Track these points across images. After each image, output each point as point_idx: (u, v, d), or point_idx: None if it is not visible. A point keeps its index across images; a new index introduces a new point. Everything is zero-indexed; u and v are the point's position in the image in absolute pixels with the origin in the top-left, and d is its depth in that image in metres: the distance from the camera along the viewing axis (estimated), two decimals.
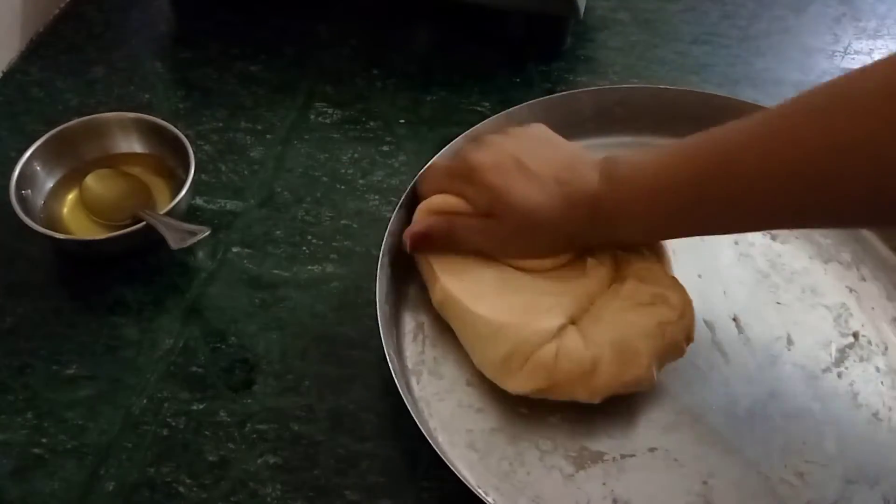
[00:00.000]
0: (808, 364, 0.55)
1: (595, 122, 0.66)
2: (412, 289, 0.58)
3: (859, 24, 0.79)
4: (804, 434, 0.52)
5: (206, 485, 0.51)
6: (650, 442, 0.51)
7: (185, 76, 0.74)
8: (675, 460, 0.51)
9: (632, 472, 0.50)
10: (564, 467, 0.50)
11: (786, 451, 0.51)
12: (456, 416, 0.53)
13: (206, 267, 0.61)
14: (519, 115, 0.64)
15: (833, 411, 0.53)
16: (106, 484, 0.51)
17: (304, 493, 0.50)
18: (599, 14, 0.79)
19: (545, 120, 0.64)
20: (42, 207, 0.62)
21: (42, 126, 0.65)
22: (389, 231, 0.56)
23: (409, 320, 0.57)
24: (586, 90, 0.67)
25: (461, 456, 0.51)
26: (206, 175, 0.66)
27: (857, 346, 0.56)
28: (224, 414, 0.53)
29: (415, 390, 0.53)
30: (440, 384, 0.54)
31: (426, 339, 0.56)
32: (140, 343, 0.57)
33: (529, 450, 0.51)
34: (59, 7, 0.80)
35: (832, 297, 0.59)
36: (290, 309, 0.58)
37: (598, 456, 0.51)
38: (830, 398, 0.53)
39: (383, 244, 0.55)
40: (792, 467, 0.50)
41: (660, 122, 0.66)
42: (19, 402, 0.54)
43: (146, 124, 0.65)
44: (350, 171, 0.67)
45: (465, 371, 0.54)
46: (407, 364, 0.55)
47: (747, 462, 0.51)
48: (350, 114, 0.71)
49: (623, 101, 0.66)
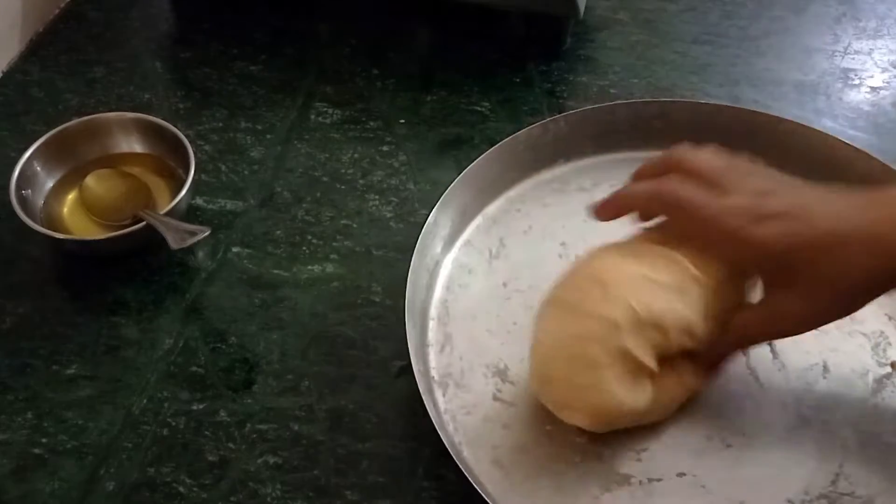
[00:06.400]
0: (844, 392, 0.53)
1: (632, 134, 0.65)
2: (437, 296, 0.58)
3: (859, 24, 0.79)
4: (837, 462, 0.50)
5: (206, 485, 0.50)
6: (679, 467, 0.50)
7: (185, 76, 0.74)
8: (703, 486, 0.49)
9: (659, 496, 0.49)
10: (590, 489, 0.49)
11: (818, 480, 0.50)
12: (482, 431, 0.52)
13: (206, 267, 0.61)
14: (556, 126, 0.64)
15: (868, 441, 0.51)
16: (106, 484, 0.51)
17: (304, 493, 0.50)
18: (599, 14, 0.79)
19: (580, 131, 0.64)
20: (42, 207, 0.62)
21: (42, 126, 0.65)
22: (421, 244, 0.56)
23: (437, 330, 0.57)
24: (624, 102, 0.66)
25: (485, 472, 0.50)
26: (206, 175, 0.66)
27: (895, 376, 0.54)
28: (224, 414, 0.53)
29: (440, 404, 0.53)
30: (467, 398, 0.53)
31: (454, 351, 0.55)
32: (140, 343, 0.57)
33: (555, 470, 0.50)
34: (59, 7, 0.80)
35: (871, 325, 0.56)
36: (290, 309, 0.58)
37: (624, 479, 0.50)
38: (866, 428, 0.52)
39: (414, 255, 0.55)
40: (825, 498, 0.49)
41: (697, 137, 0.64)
42: (19, 402, 0.54)
43: (146, 124, 0.65)
44: (350, 171, 0.67)
45: (492, 385, 0.54)
46: (433, 376, 0.54)
47: (778, 490, 0.49)
48: (350, 114, 0.71)
49: (661, 114, 0.65)
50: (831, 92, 0.73)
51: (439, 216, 0.59)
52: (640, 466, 0.50)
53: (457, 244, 0.61)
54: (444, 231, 0.60)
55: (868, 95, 0.72)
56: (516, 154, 0.63)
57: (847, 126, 0.70)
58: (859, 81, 0.74)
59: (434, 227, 0.58)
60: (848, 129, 0.69)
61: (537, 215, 0.63)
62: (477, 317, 0.57)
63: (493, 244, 0.61)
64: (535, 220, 0.63)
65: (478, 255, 0.61)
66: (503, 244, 0.61)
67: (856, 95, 0.72)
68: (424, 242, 0.57)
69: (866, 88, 0.73)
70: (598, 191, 0.63)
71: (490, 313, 0.57)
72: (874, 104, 0.72)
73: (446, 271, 0.60)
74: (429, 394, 0.51)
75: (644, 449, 0.51)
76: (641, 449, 0.51)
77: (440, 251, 0.60)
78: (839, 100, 0.72)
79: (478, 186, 0.62)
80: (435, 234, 0.59)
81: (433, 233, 0.58)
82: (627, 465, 0.50)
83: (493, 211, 0.63)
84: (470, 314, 0.57)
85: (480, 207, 0.63)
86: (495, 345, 0.56)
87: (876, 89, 0.73)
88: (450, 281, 0.59)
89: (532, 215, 0.63)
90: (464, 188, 0.60)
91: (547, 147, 0.64)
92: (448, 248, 0.61)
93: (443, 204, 0.59)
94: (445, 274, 0.60)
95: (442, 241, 0.60)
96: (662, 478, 0.50)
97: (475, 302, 0.58)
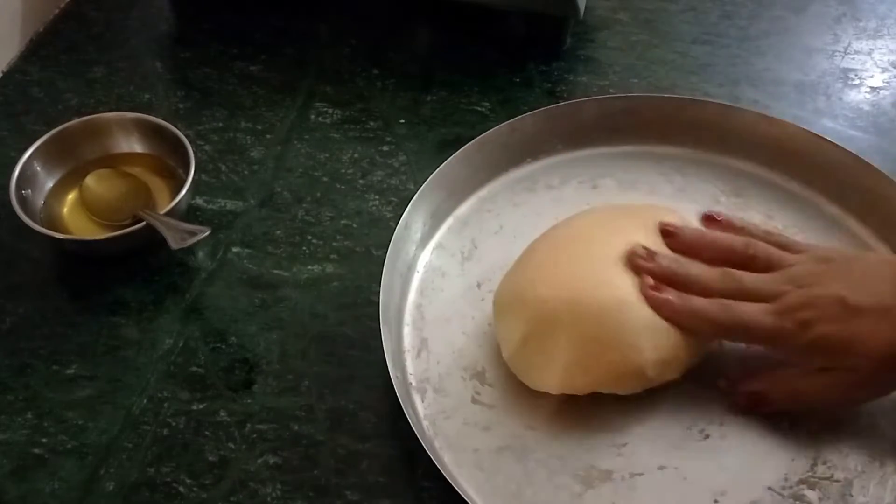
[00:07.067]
0: None
1: (599, 130, 0.65)
2: (412, 300, 0.58)
3: (859, 24, 0.79)
4: (817, 449, 0.51)
5: (206, 485, 0.50)
6: (659, 460, 0.50)
7: (185, 76, 0.74)
8: (685, 479, 0.50)
9: (641, 490, 0.49)
10: (573, 487, 0.49)
11: (799, 467, 0.50)
12: (462, 434, 0.52)
13: (206, 267, 0.61)
14: (522, 125, 0.64)
15: (848, 426, 0.51)
16: (106, 484, 0.51)
17: (304, 493, 0.50)
18: (599, 14, 0.79)
19: (549, 129, 0.64)
20: (42, 207, 0.62)
21: (42, 126, 0.65)
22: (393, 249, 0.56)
23: (413, 336, 0.56)
24: (590, 98, 0.66)
25: (468, 476, 0.50)
26: (206, 175, 0.66)
27: None
28: (224, 414, 0.53)
29: (419, 409, 0.53)
30: (446, 402, 0.53)
31: (430, 355, 0.55)
32: (140, 343, 0.57)
33: (537, 469, 0.50)
34: (59, 7, 0.80)
35: None
36: (290, 309, 0.58)
37: (606, 475, 0.50)
38: (842, 410, 0.52)
39: (386, 260, 0.55)
40: (806, 483, 0.49)
41: (664, 131, 0.65)
42: (19, 402, 0.54)
43: (146, 124, 0.65)
44: (350, 171, 0.67)
45: (471, 388, 0.54)
46: (411, 382, 0.54)
47: (759, 479, 0.50)
48: (350, 114, 0.71)
49: (627, 109, 0.65)
50: (831, 92, 0.73)
51: (410, 220, 0.58)
52: (621, 461, 0.50)
53: (429, 247, 0.61)
54: (416, 235, 0.60)
55: (868, 95, 0.72)
56: (485, 154, 0.63)
57: (847, 126, 0.70)
58: (859, 81, 0.74)
59: (405, 231, 0.58)
60: (848, 130, 0.69)
61: (508, 215, 0.63)
62: (452, 320, 0.57)
63: (465, 246, 0.61)
64: (505, 219, 0.63)
65: (450, 258, 0.60)
66: (475, 245, 0.61)
67: (856, 95, 0.72)
68: (397, 247, 0.57)
69: (866, 88, 0.73)
70: (567, 188, 0.64)
71: (465, 316, 0.57)
72: (874, 104, 0.72)
73: (419, 275, 0.59)
74: (407, 399, 0.51)
75: (624, 444, 0.51)
76: (622, 444, 0.51)
77: (412, 255, 0.60)
78: (839, 100, 0.72)
79: (448, 188, 0.62)
80: (406, 237, 0.58)
81: (405, 237, 0.58)
82: (608, 460, 0.50)
83: (464, 212, 0.63)
84: (444, 318, 0.57)
85: (451, 209, 0.63)
86: (472, 347, 0.56)
87: (876, 89, 0.73)
88: (423, 285, 0.59)
89: (503, 215, 0.63)
90: (434, 190, 0.60)
91: (515, 146, 0.64)
92: (420, 252, 0.60)
93: (413, 207, 0.58)
94: (419, 278, 0.59)
95: (414, 244, 0.60)
96: (644, 472, 0.50)
97: (449, 305, 0.58)
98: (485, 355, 0.55)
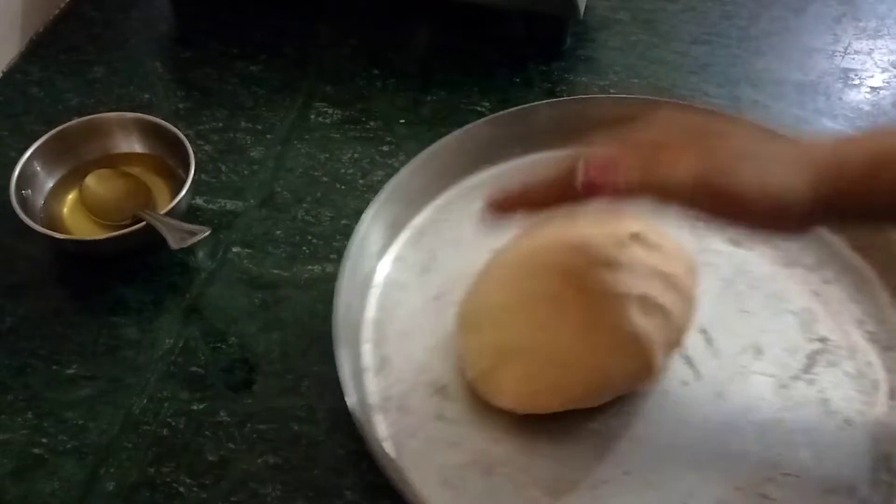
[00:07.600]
0: (777, 373, 0.54)
1: (551, 134, 0.63)
2: (370, 317, 0.57)
3: (859, 24, 0.79)
4: (778, 446, 0.51)
5: (206, 485, 0.51)
6: (624, 466, 0.50)
7: (185, 76, 0.74)
8: (650, 484, 0.50)
9: (608, 497, 0.49)
10: (540, 499, 0.49)
11: (762, 465, 0.50)
12: (427, 451, 0.51)
13: (206, 267, 0.61)
14: (478, 131, 0.63)
15: (805, 420, 0.52)
16: (106, 484, 0.51)
17: (304, 493, 0.50)
18: (599, 14, 0.79)
19: (503, 134, 0.64)
20: (42, 207, 0.62)
21: (42, 126, 0.65)
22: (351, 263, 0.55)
23: (373, 353, 0.55)
24: (543, 102, 0.66)
25: (436, 496, 0.49)
26: (206, 175, 0.66)
27: (824, 351, 0.55)
28: (224, 414, 0.53)
29: (381, 428, 0.52)
30: (409, 420, 0.52)
31: (392, 373, 0.54)
32: (140, 343, 0.57)
33: (504, 483, 0.50)
34: (59, 7, 0.80)
35: (797, 303, 0.57)
36: (290, 309, 0.58)
37: (573, 485, 0.49)
38: (801, 407, 0.53)
39: (342, 276, 0.54)
40: (770, 481, 0.49)
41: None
42: (19, 402, 0.54)
43: (146, 124, 0.65)
44: (350, 171, 0.67)
45: (434, 404, 0.53)
46: (372, 402, 0.53)
47: (724, 479, 0.50)
48: (350, 114, 0.71)
49: (582, 113, 0.63)
50: (831, 92, 0.73)
51: (368, 232, 0.58)
52: (586, 470, 0.50)
53: (387, 259, 0.60)
54: (374, 247, 0.59)
55: (868, 95, 0.72)
56: (441, 162, 0.63)
57: (847, 126, 0.70)
58: (859, 81, 0.74)
59: (362, 246, 0.57)
60: (848, 130, 0.69)
61: (465, 224, 0.61)
62: (412, 334, 0.56)
63: (423, 257, 0.60)
64: (463, 228, 0.61)
65: (408, 270, 0.60)
66: (434, 256, 0.60)
67: (856, 95, 0.73)
68: (354, 261, 0.56)
69: (866, 88, 0.73)
70: None
71: (425, 330, 0.56)
72: (874, 104, 0.72)
73: (378, 290, 0.59)
74: (367, 423, 0.50)
75: (590, 452, 0.51)
76: (587, 453, 0.51)
77: (370, 269, 0.59)
78: (839, 100, 0.72)
79: (405, 199, 0.61)
80: (363, 251, 0.58)
81: (361, 251, 0.57)
82: (574, 470, 0.50)
83: (420, 222, 0.62)
84: (404, 333, 0.56)
85: (408, 219, 0.62)
86: (434, 362, 0.55)
87: (876, 89, 0.73)
88: (382, 299, 0.58)
89: (461, 224, 0.62)
90: (390, 202, 0.60)
91: (470, 153, 0.64)
92: (378, 265, 0.60)
93: (373, 220, 0.58)
94: (377, 293, 0.59)
95: (372, 258, 0.59)
96: (609, 479, 0.50)
97: (409, 319, 0.57)
98: (447, 370, 0.54)
